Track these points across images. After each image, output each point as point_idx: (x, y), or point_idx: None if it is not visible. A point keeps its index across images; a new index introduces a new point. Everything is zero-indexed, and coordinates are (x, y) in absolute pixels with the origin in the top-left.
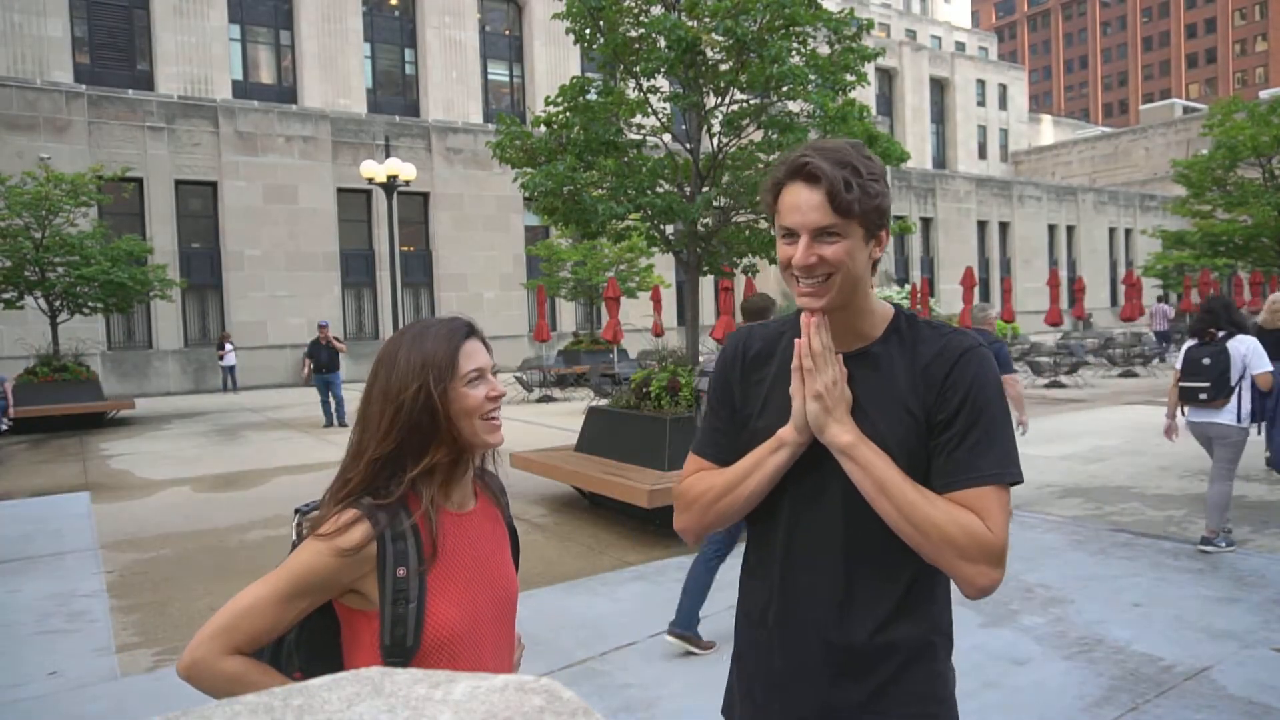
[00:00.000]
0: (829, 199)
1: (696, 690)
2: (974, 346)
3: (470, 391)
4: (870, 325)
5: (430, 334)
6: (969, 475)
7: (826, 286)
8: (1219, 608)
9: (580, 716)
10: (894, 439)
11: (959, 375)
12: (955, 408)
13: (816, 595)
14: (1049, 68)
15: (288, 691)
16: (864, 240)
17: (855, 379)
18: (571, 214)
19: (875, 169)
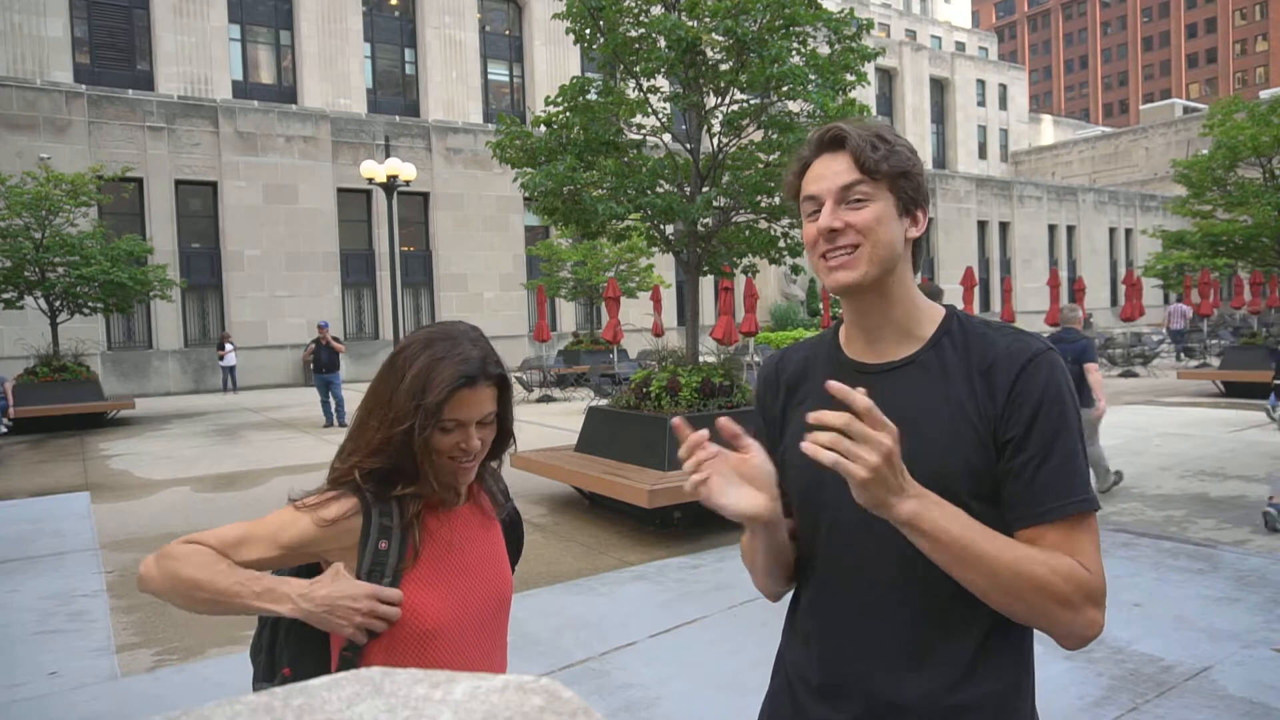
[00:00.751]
0: (854, 157)
1: (697, 690)
2: (1043, 350)
3: (440, 436)
4: (918, 324)
5: (442, 365)
6: (1054, 506)
7: (855, 258)
8: (1219, 608)
9: (580, 716)
10: (957, 459)
11: (1028, 384)
12: (1027, 424)
13: (870, 652)
14: (1049, 68)
15: (288, 691)
16: (896, 210)
17: (903, 395)
18: (571, 214)
19: (905, 141)
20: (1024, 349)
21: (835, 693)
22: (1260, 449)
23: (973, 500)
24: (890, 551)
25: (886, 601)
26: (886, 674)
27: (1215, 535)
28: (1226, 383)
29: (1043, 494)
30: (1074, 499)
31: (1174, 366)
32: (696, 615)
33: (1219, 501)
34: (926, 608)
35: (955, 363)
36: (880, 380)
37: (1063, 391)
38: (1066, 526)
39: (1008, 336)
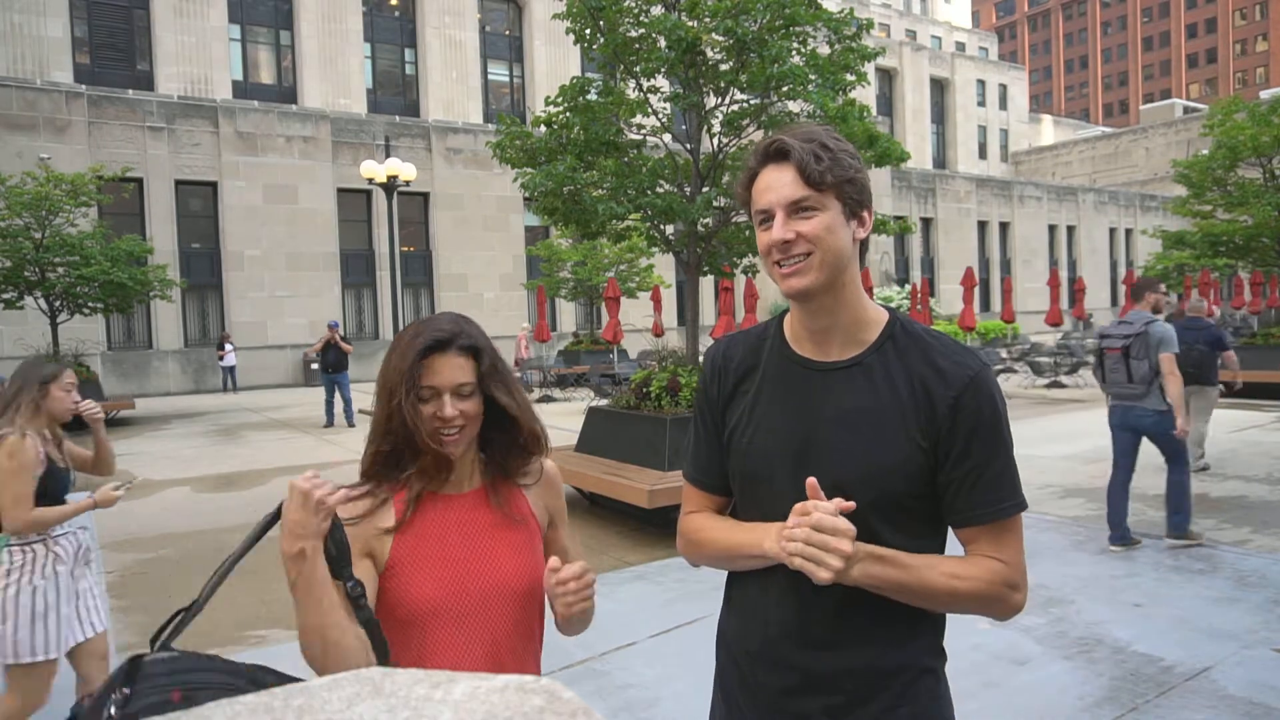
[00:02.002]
0: (799, 171)
1: (697, 691)
2: (982, 369)
3: (421, 407)
4: (862, 328)
5: (409, 340)
6: (991, 510)
7: (807, 265)
8: (1219, 608)
9: (580, 716)
10: (892, 463)
11: (970, 402)
12: (967, 439)
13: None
14: (1049, 68)
15: (288, 691)
16: (843, 216)
17: (848, 393)
18: (571, 214)
19: (846, 146)
20: (964, 370)
21: (773, 663)
22: (1260, 449)
23: (906, 497)
24: None
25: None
26: (818, 646)
27: (1215, 535)
28: (1226, 383)
29: (979, 500)
30: (1005, 504)
31: None
32: (696, 615)
33: (1219, 502)
34: (853, 588)
35: (897, 368)
36: (826, 378)
37: (998, 409)
38: (996, 527)
39: (949, 352)
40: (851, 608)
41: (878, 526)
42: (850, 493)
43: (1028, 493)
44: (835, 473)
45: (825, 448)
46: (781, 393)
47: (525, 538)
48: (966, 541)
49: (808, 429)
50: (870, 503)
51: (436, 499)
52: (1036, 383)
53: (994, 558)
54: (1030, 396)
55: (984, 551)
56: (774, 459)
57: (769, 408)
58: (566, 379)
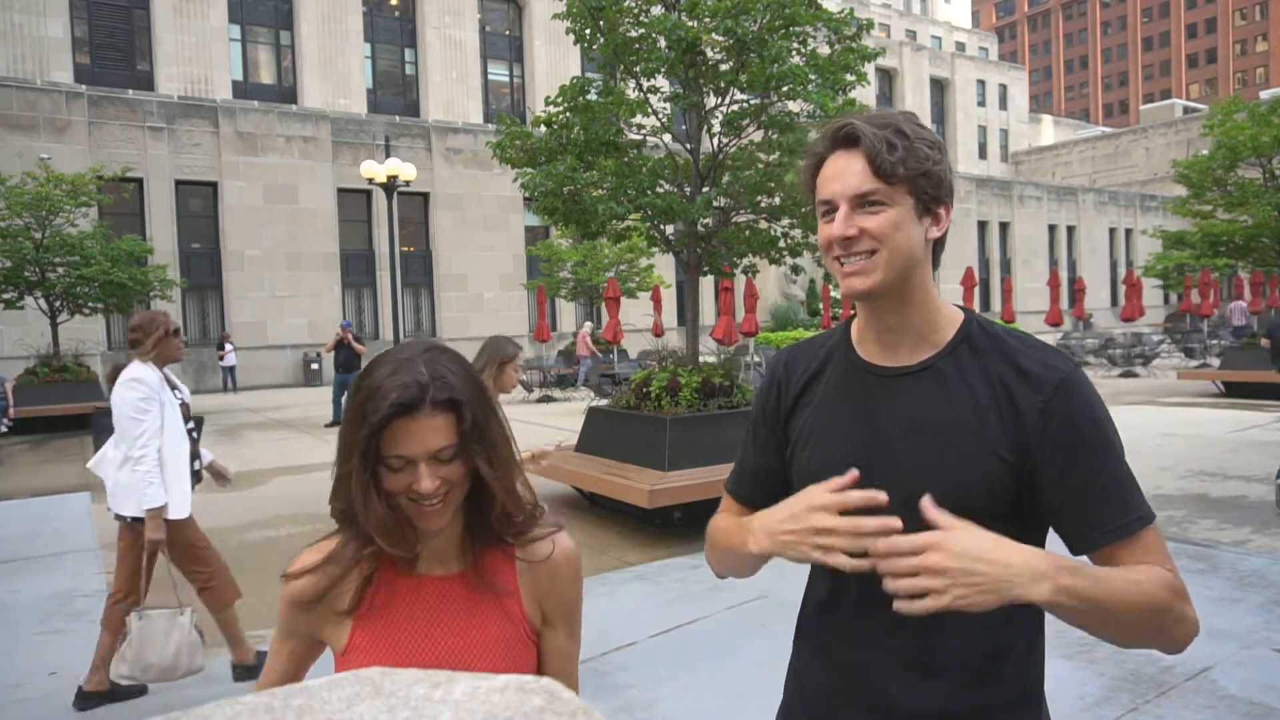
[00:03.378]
0: (869, 160)
1: (697, 691)
2: (1073, 370)
3: (390, 476)
4: (934, 330)
5: (367, 393)
6: (1119, 528)
7: (871, 264)
8: (1219, 608)
9: (580, 716)
10: (970, 477)
11: (1062, 408)
12: (1071, 452)
13: (881, 661)
14: (1049, 68)
15: (288, 691)
16: (915, 213)
17: (918, 400)
18: (571, 214)
19: (925, 134)
20: (1054, 371)
21: (846, 699)
22: (1260, 449)
23: (985, 515)
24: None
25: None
26: (897, 682)
27: (1215, 535)
28: (1226, 383)
29: (1103, 518)
30: (1134, 516)
31: (1160, 367)
32: (696, 615)
33: (1219, 501)
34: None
35: (975, 372)
36: (894, 384)
37: (1098, 411)
38: (1134, 543)
39: (1034, 352)
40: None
41: None
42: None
43: None
44: (906, 488)
45: (894, 460)
46: (844, 401)
47: (505, 639)
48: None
49: (874, 440)
50: None
51: (407, 580)
52: None
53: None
54: None
55: None
56: (837, 474)
57: (831, 419)
58: (566, 379)
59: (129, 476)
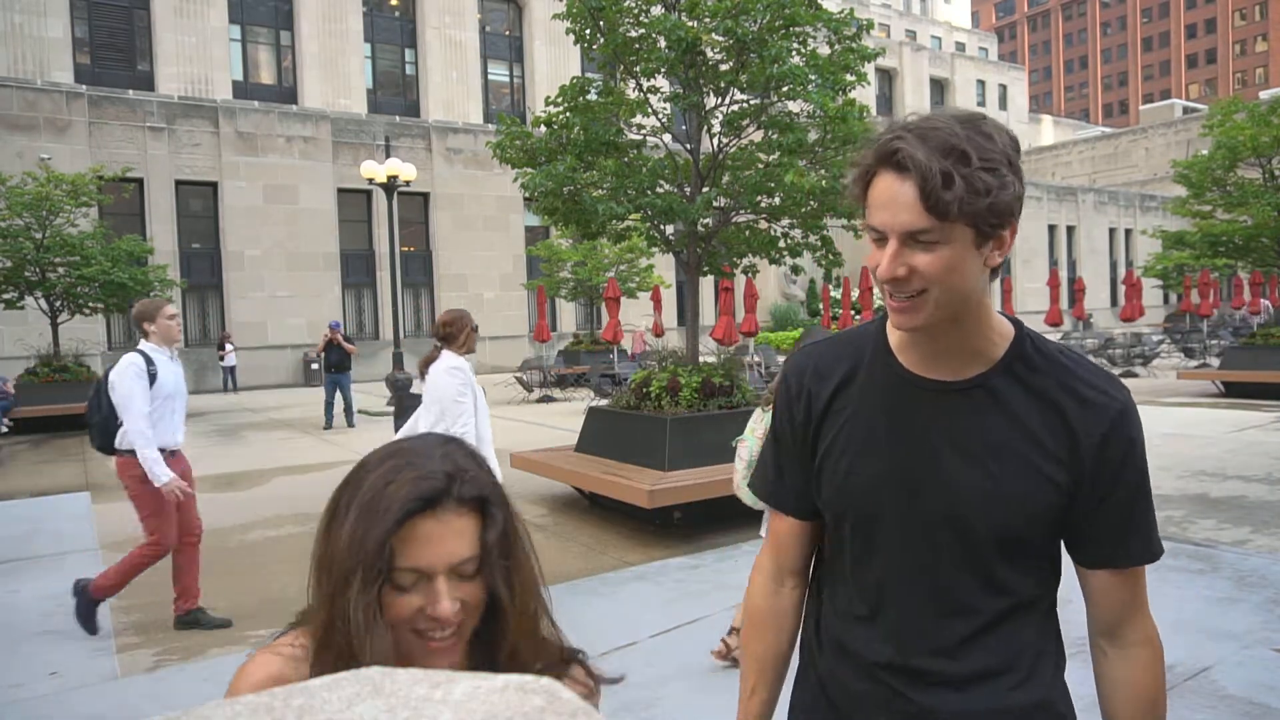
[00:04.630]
0: (922, 197)
1: (697, 691)
2: (1128, 401)
3: (397, 599)
4: (988, 344)
5: (387, 491)
6: (1139, 556)
7: (920, 302)
8: (1219, 608)
9: (580, 716)
10: (1020, 500)
11: (1118, 440)
12: (1114, 477)
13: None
14: (1049, 68)
15: (288, 691)
16: (974, 245)
17: (968, 418)
18: (571, 214)
19: (993, 153)
20: (1113, 402)
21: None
22: (1260, 449)
23: (1032, 536)
24: (938, 570)
25: (924, 617)
26: (918, 678)
27: (1215, 535)
28: (1226, 383)
29: (1119, 542)
30: (1154, 549)
31: (1159, 367)
32: (696, 615)
33: (1219, 501)
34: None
35: (1028, 392)
36: (941, 399)
37: (1140, 444)
38: (1129, 575)
39: (1092, 379)
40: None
41: (997, 568)
42: (973, 535)
43: None
44: (954, 509)
45: (943, 480)
46: (886, 414)
47: None
48: (1093, 580)
49: (920, 457)
50: (993, 542)
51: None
52: None
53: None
54: None
55: (1112, 595)
56: (881, 492)
57: (872, 431)
58: (566, 379)
59: None
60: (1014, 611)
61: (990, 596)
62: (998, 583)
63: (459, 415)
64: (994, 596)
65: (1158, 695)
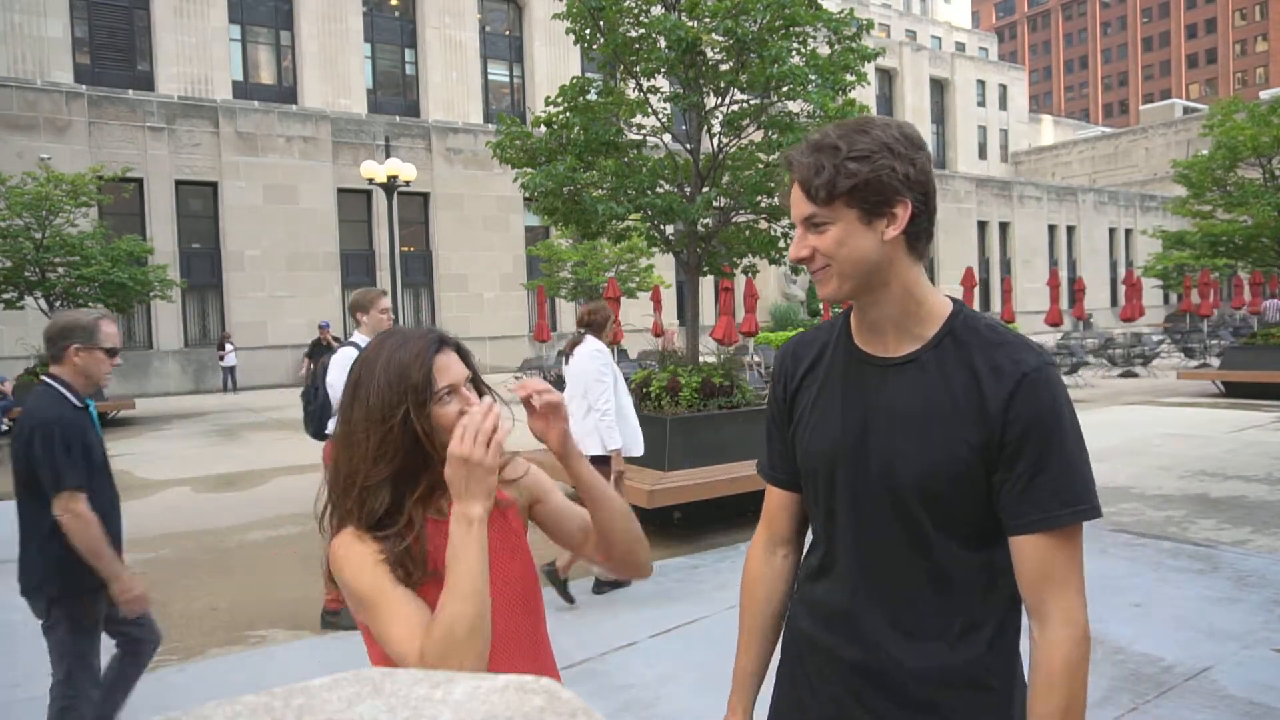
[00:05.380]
0: (801, 187)
1: (697, 691)
2: (1041, 365)
3: (441, 411)
4: (918, 323)
5: (404, 349)
6: (1039, 518)
7: (827, 274)
8: (1219, 608)
9: (580, 716)
10: (943, 467)
11: (1023, 403)
12: (1020, 439)
13: (865, 617)
14: (1049, 68)
15: (288, 691)
16: (860, 222)
17: (902, 390)
18: (571, 214)
19: (864, 144)
20: (1020, 366)
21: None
22: (1260, 449)
23: (963, 505)
24: (881, 531)
25: (873, 573)
26: (871, 634)
27: (1215, 535)
28: (1226, 383)
29: (1030, 504)
30: (1062, 510)
31: (1159, 367)
32: (696, 615)
33: (1219, 502)
34: (907, 585)
35: (955, 366)
36: (883, 374)
37: (1058, 406)
38: (1050, 539)
39: (1007, 347)
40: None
41: (936, 537)
42: (903, 497)
43: None
44: (887, 474)
45: (878, 447)
46: (841, 388)
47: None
48: (1012, 548)
49: (863, 426)
50: (925, 508)
51: (436, 526)
52: None
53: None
54: None
55: (1025, 566)
56: (830, 456)
57: (830, 403)
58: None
59: (591, 424)
60: (946, 576)
61: (920, 557)
62: (926, 544)
63: (600, 393)
64: (923, 558)
65: (1073, 678)
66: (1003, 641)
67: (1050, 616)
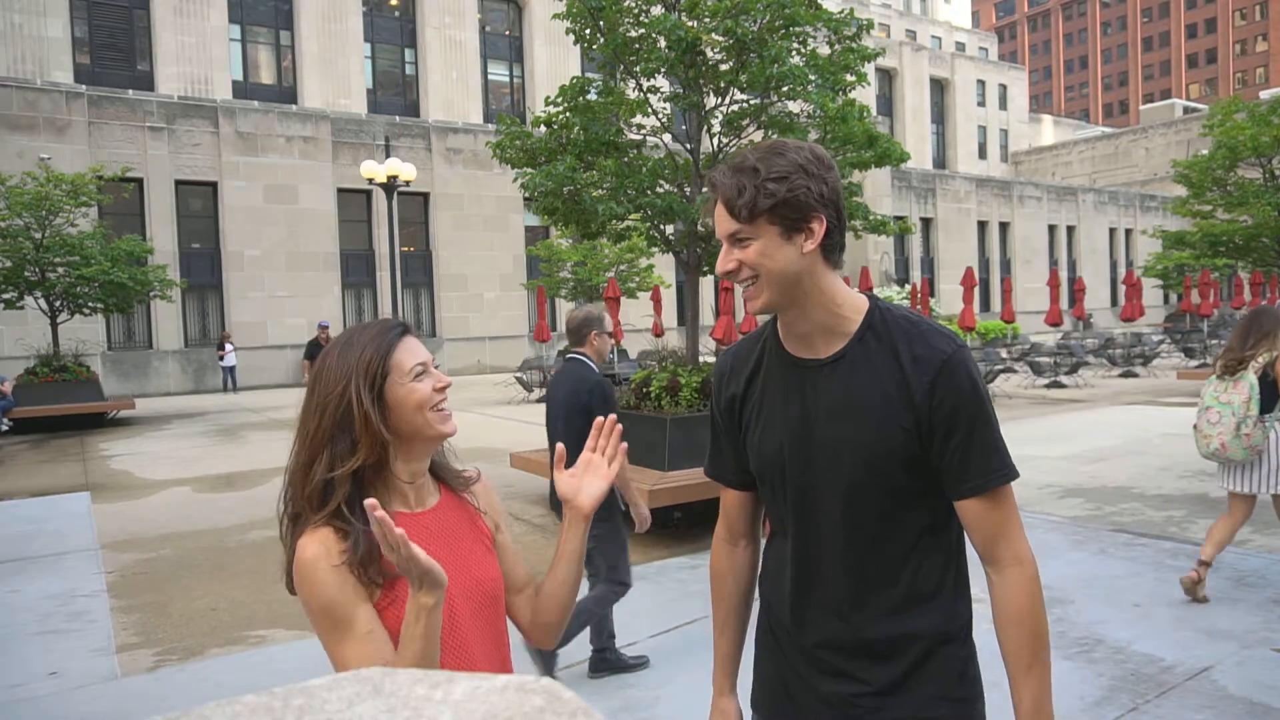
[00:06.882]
0: (725, 206)
1: (697, 691)
2: (955, 351)
3: (417, 386)
4: (840, 323)
5: (358, 339)
6: (978, 483)
7: (756, 289)
8: (1219, 608)
9: (580, 716)
10: (887, 452)
11: (944, 386)
12: (949, 419)
13: (826, 596)
14: (1049, 68)
15: (288, 691)
16: (781, 238)
17: (835, 388)
18: (571, 214)
19: (781, 165)
20: (938, 354)
21: (800, 622)
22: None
23: (913, 483)
24: (834, 516)
25: (830, 554)
26: (834, 610)
27: None
28: None
29: (967, 473)
30: (992, 475)
31: (1159, 367)
32: (696, 615)
33: (1219, 502)
34: (861, 560)
35: (880, 355)
36: (815, 375)
37: (976, 386)
38: (988, 499)
39: (925, 336)
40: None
41: (902, 514)
42: (860, 486)
43: (1028, 493)
44: (834, 464)
45: (826, 443)
46: (781, 391)
47: (487, 544)
48: (960, 513)
49: (805, 423)
50: (884, 492)
51: (399, 518)
52: (1036, 383)
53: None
54: (1030, 396)
55: (975, 524)
56: (781, 456)
57: (773, 407)
58: None
59: None
60: (899, 545)
61: (874, 535)
62: (878, 520)
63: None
64: (877, 535)
65: (1032, 609)
66: (952, 604)
67: (1001, 559)
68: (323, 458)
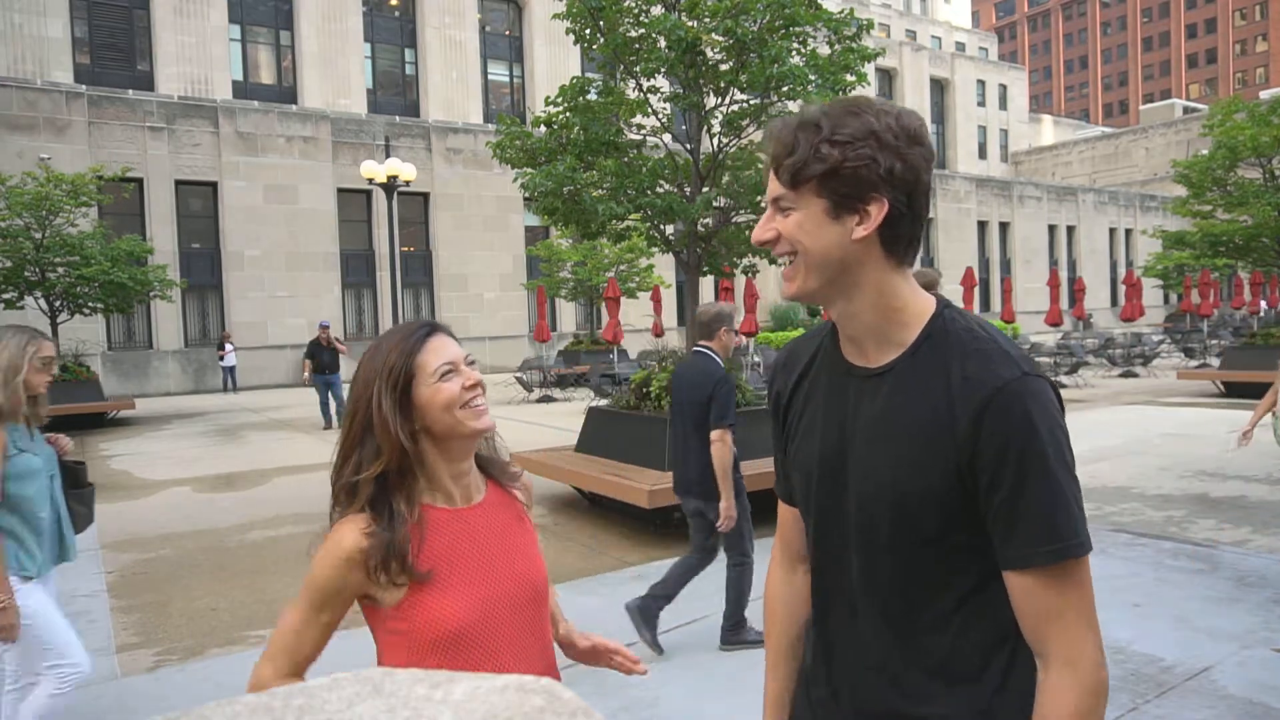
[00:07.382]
0: (773, 165)
1: (697, 691)
2: (1015, 378)
3: (445, 385)
4: (898, 329)
5: (385, 343)
6: (1028, 553)
7: (793, 269)
8: (1219, 608)
9: (580, 716)
10: (919, 490)
11: (995, 418)
12: (996, 463)
13: (840, 646)
14: (1049, 68)
15: (288, 691)
16: (827, 214)
17: (877, 404)
18: (571, 214)
19: (848, 128)
20: (992, 379)
21: (815, 667)
22: (1260, 449)
23: (939, 524)
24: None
25: (847, 600)
26: (860, 677)
27: (1215, 535)
28: (1226, 383)
29: (1012, 539)
30: (1041, 547)
31: (1159, 367)
32: (696, 615)
33: (1219, 502)
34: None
35: (932, 375)
36: (862, 385)
37: (1035, 426)
38: (1038, 577)
39: (985, 355)
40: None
41: (942, 573)
42: (879, 522)
43: None
44: (862, 496)
45: (857, 465)
46: (824, 400)
47: (534, 540)
48: (1010, 591)
49: (844, 442)
50: (917, 541)
51: (444, 515)
52: None
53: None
54: None
55: (1020, 602)
56: (812, 472)
57: (814, 415)
58: (567, 379)
59: None
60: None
61: (901, 587)
62: (903, 564)
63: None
64: (904, 587)
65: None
66: (1006, 687)
67: (1050, 657)
68: (352, 460)
